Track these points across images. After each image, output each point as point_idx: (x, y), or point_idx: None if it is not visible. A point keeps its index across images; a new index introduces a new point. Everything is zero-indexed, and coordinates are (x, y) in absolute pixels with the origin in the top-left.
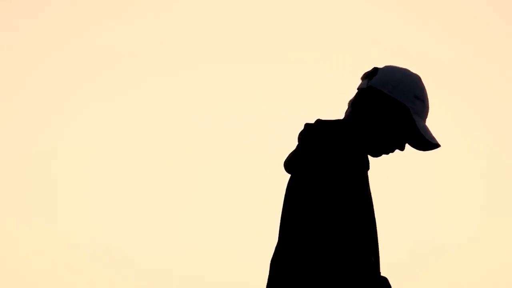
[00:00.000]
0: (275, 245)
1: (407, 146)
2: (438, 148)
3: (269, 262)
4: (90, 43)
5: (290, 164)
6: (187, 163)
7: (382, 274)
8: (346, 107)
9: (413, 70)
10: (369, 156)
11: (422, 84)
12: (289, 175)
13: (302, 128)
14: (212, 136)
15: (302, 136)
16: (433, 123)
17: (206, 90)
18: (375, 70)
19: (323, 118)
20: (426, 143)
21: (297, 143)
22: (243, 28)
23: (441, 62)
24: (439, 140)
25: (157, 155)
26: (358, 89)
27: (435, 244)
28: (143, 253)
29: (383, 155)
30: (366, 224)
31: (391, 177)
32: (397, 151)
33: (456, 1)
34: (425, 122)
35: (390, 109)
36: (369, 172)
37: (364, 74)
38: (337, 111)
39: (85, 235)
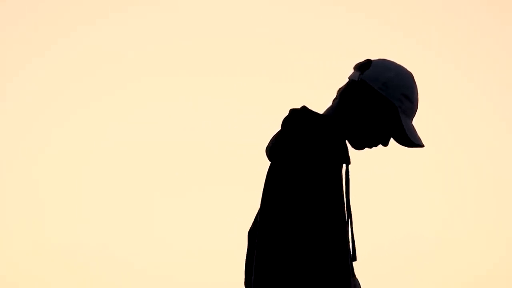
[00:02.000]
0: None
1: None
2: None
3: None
4: (86, 42)
5: (272, 151)
6: (180, 163)
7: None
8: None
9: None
10: (353, 150)
11: (414, 83)
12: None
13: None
14: (209, 137)
15: (286, 122)
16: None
17: (202, 90)
18: (369, 62)
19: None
20: (410, 142)
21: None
22: (241, 28)
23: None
24: (426, 139)
25: (150, 155)
26: (349, 79)
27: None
28: (136, 255)
29: (366, 149)
30: (338, 218)
31: (377, 172)
32: (381, 146)
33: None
34: (412, 121)
35: (378, 106)
36: (363, 167)
37: (356, 65)
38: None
39: (74, 236)
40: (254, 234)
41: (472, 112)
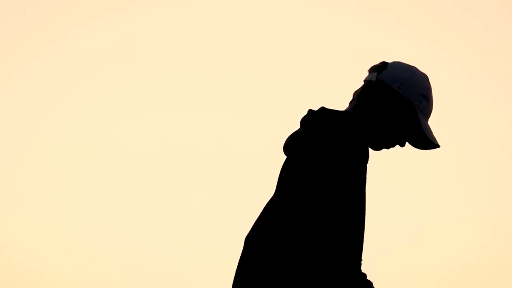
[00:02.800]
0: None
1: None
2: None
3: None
4: (87, 40)
5: (291, 147)
6: (182, 162)
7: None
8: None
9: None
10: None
11: (429, 83)
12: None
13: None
14: (209, 138)
15: (305, 121)
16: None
17: (202, 91)
18: (384, 64)
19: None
20: (426, 141)
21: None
22: (239, 31)
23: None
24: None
25: (152, 153)
26: (365, 81)
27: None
28: (136, 249)
29: (384, 150)
30: (358, 220)
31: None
32: (397, 147)
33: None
34: (427, 121)
35: (397, 104)
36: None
37: (372, 67)
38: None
39: (77, 228)
40: (252, 240)
41: (461, 106)
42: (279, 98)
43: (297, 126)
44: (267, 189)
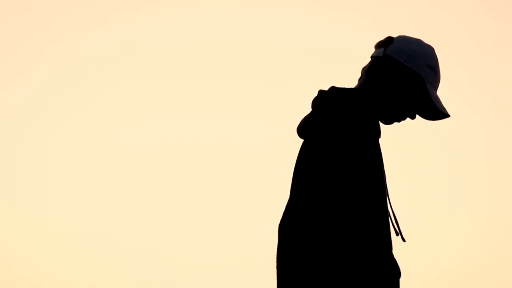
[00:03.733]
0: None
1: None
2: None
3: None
4: (88, 41)
5: (304, 129)
6: (182, 163)
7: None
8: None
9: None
10: (380, 124)
11: (435, 55)
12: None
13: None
14: (209, 138)
15: (316, 102)
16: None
17: (202, 91)
18: (390, 39)
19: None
20: (436, 112)
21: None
22: (239, 28)
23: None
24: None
25: (152, 153)
26: (372, 57)
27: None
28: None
29: (395, 123)
30: (378, 193)
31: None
32: (408, 120)
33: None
34: (436, 91)
35: (405, 77)
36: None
37: (378, 43)
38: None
39: (76, 228)
40: (282, 226)
41: (458, 101)
42: (279, 98)
43: (297, 125)
44: (267, 189)
